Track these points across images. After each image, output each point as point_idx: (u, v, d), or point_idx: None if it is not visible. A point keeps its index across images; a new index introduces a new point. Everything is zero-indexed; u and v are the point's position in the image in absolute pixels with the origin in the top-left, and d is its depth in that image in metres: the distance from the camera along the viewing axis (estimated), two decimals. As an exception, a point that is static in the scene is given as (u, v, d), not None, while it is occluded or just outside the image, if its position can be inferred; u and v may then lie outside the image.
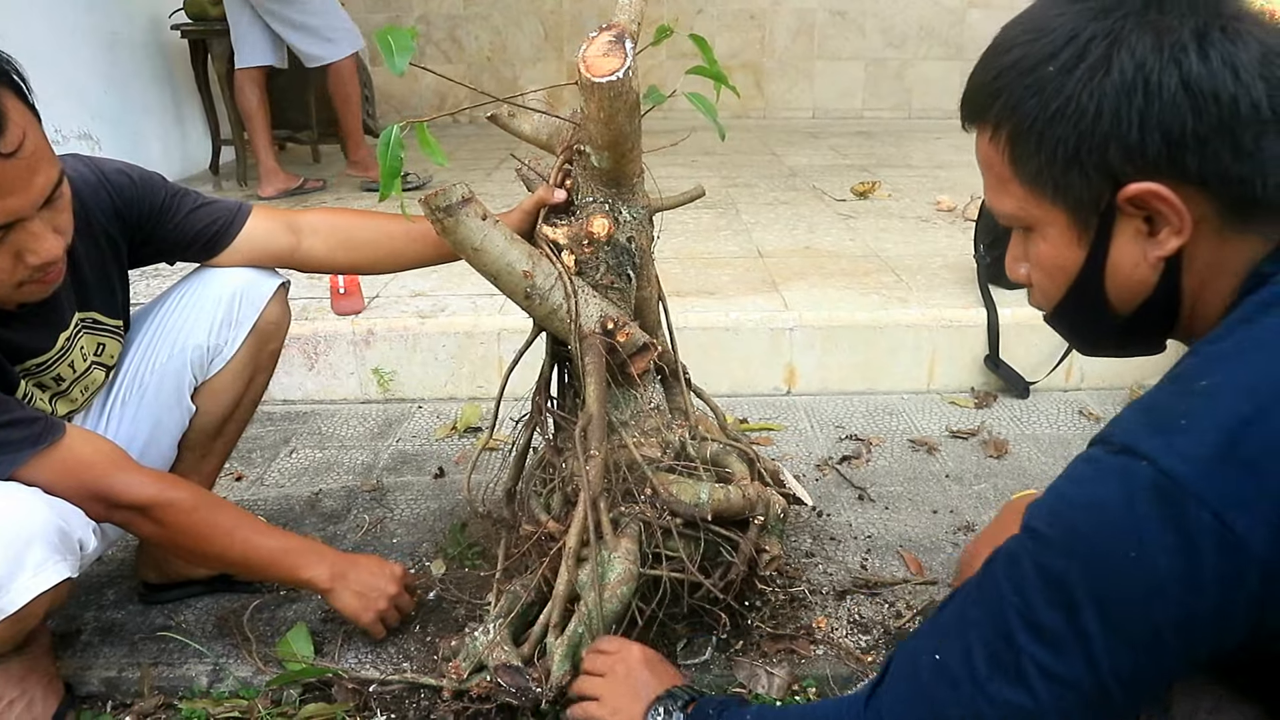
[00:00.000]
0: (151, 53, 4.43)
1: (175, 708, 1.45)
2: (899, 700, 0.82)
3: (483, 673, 1.34)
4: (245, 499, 2.03)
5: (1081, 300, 0.81)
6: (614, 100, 1.17)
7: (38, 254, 1.14)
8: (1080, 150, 0.73)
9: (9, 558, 1.15)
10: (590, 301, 1.37)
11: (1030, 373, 2.50)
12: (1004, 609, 0.73)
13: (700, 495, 1.40)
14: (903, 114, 6.47)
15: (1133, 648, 0.68)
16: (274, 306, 1.59)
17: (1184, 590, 0.65)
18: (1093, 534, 0.68)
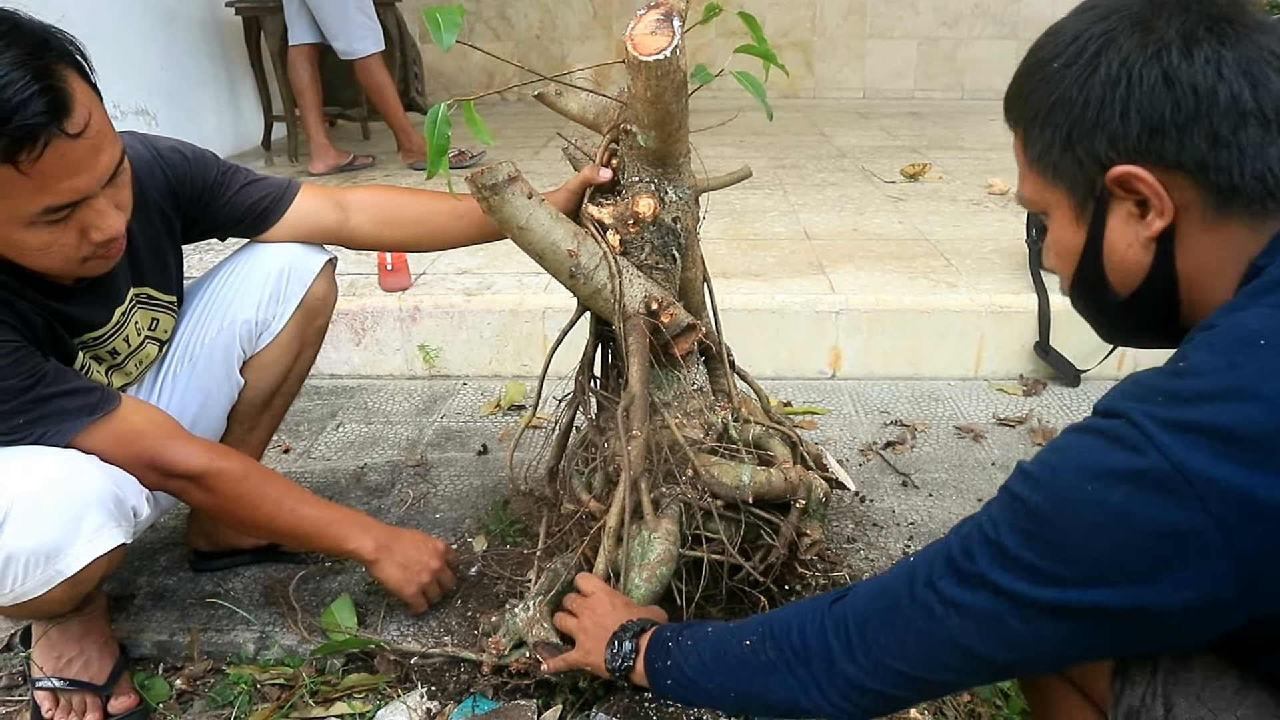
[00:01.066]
0: (207, 30, 4.50)
1: (223, 672, 1.48)
2: (862, 595, 0.92)
3: (522, 648, 1.36)
4: (292, 471, 2.06)
5: (1086, 281, 0.88)
6: (661, 79, 1.17)
7: (102, 230, 1.17)
8: (1072, 136, 0.81)
9: (67, 523, 1.18)
10: (635, 281, 1.37)
11: (1081, 361, 2.45)
12: (976, 526, 0.80)
13: (742, 477, 1.40)
14: (955, 94, 6.36)
15: (1073, 577, 0.72)
16: (321, 282, 1.61)
17: (1128, 527, 0.69)
18: (1057, 467, 0.74)
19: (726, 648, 1.03)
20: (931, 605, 0.81)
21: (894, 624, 0.85)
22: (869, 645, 0.87)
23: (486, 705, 1.37)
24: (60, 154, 1.06)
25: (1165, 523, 0.68)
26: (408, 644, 1.49)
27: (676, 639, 1.11)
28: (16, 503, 1.15)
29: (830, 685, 0.91)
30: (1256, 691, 0.78)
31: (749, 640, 1.01)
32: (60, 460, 1.20)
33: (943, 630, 0.81)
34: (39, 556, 1.17)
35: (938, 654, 0.83)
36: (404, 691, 1.42)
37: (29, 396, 1.18)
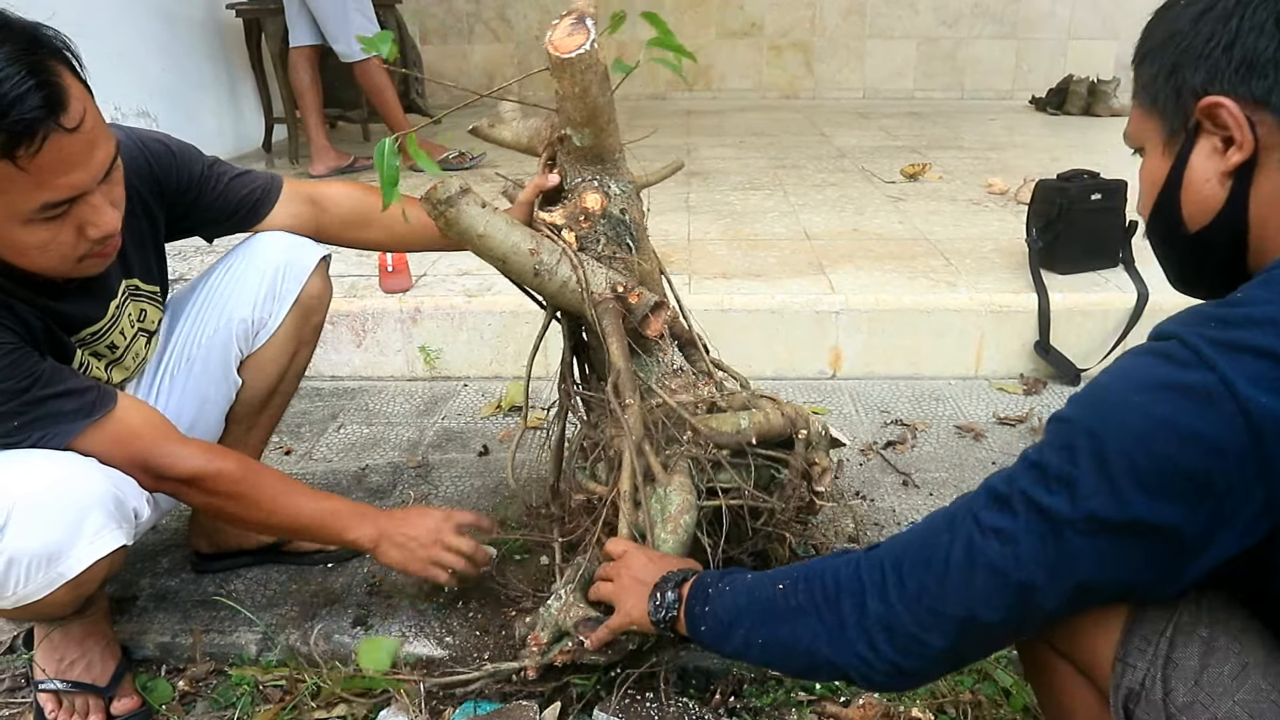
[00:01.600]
0: (208, 31, 4.50)
1: (226, 674, 1.49)
2: (899, 539, 0.92)
3: (563, 640, 1.34)
4: (294, 472, 2.07)
5: (1161, 213, 0.90)
6: (585, 73, 1.25)
7: (99, 226, 1.17)
8: (1176, 67, 0.84)
9: (69, 525, 1.18)
10: (597, 271, 1.41)
11: (1081, 360, 2.45)
12: (1019, 462, 0.82)
13: (740, 423, 1.44)
14: (955, 94, 6.36)
15: (1112, 489, 0.74)
16: (316, 280, 1.61)
17: (1183, 439, 0.71)
18: (1107, 385, 0.77)
19: (760, 591, 1.03)
20: (972, 535, 0.83)
21: (931, 560, 0.86)
22: (903, 583, 0.87)
23: (488, 706, 1.38)
24: (58, 149, 1.06)
25: (1207, 435, 0.70)
26: (441, 675, 1.43)
27: (717, 584, 1.10)
28: (18, 505, 1.15)
29: (856, 628, 0.90)
30: (1254, 678, 0.80)
31: (782, 584, 1.00)
32: (61, 462, 1.20)
33: (980, 557, 0.82)
34: (41, 559, 1.17)
35: (972, 583, 0.82)
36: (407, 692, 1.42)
37: (25, 398, 1.18)
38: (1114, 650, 0.86)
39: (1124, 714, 0.85)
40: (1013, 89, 6.31)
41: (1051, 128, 5.17)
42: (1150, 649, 0.84)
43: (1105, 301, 2.47)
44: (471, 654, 1.50)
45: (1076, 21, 6.22)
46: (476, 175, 3.94)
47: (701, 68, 6.34)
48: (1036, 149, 4.47)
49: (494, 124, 1.51)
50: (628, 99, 6.36)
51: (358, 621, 1.57)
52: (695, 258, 2.82)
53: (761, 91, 6.41)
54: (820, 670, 0.96)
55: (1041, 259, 2.57)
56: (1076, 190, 2.58)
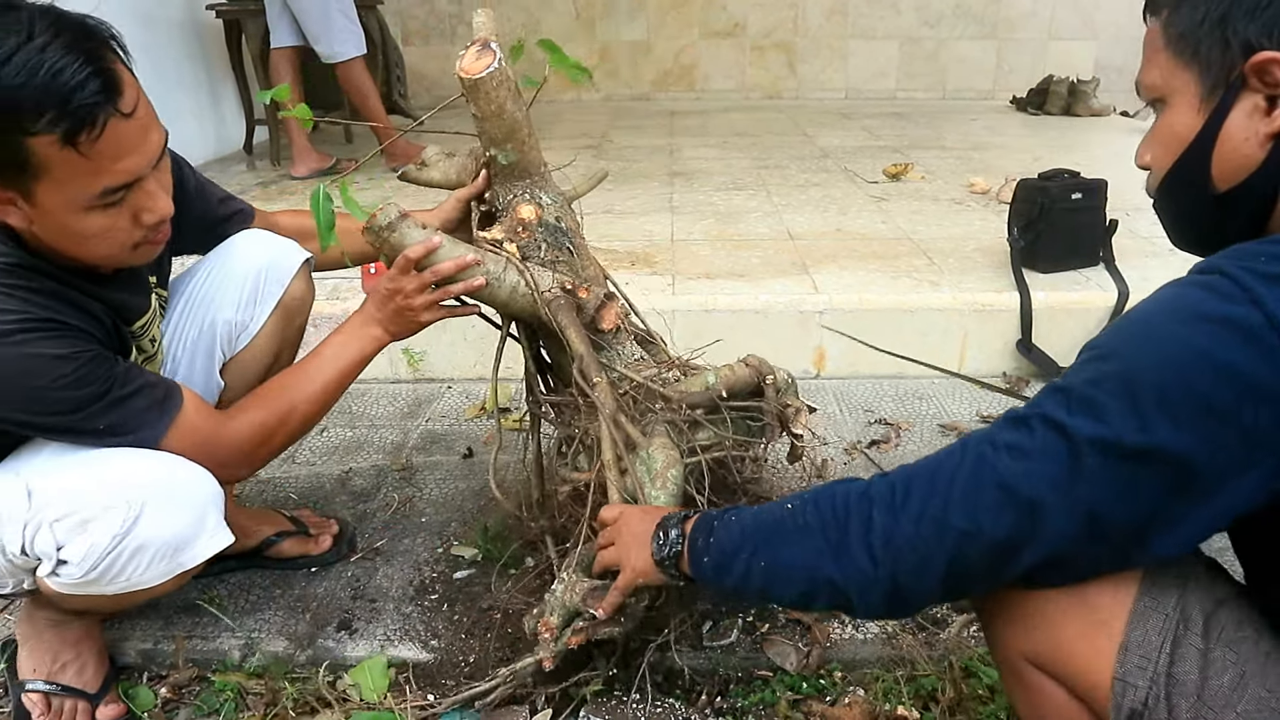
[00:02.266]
0: (187, 32, 4.47)
1: (208, 680, 1.48)
2: (913, 463, 0.89)
3: (574, 621, 1.32)
4: (276, 476, 2.06)
5: (1187, 169, 0.86)
6: (497, 89, 1.32)
7: (154, 212, 1.17)
8: (1228, 16, 0.80)
9: (195, 519, 1.24)
10: (543, 275, 1.44)
11: (1063, 358, 2.46)
12: (1043, 389, 0.81)
13: (708, 379, 1.47)
14: (937, 94, 6.39)
15: (1137, 414, 0.72)
16: (298, 282, 1.61)
17: (1223, 372, 0.69)
18: (1147, 313, 0.75)
19: (766, 515, 1.01)
20: (983, 452, 0.81)
21: (939, 475, 0.84)
22: (909, 497, 0.85)
23: (473, 718, 1.37)
24: (116, 134, 1.07)
25: (1244, 370, 0.69)
26: (457, 694, 1.41)
27: (722, 517, 1.08)
28: (152, 495, 1.19)
29: (860, 543, 0.88)
30: (1253, 687, 0.79)
31: (790, 505, 0.98)
32: (179, 459, 1.25)
33: (990, 472, 0.80)
34: (169, 548, 1.22)
35: (978, 496, 0.81)
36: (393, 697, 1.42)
37: (107, 400, 1.19)
38: (1111, 669, 0.84)
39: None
40: (994, 89, 6.35)
41: (1032, 128, 5.20)
42: (1150, 666, 0.82)
43: (1086, 300, 2.49)
44: (457, 656, 1.50)
45: (1057, 22, 6.26)
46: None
47: (685, 68, 6.35)
48: (1018, 149, 4.49)
49: (420, 167, 1.56)
50: (611, 100, 6.36)
51: (342, 626, 1.56)
52: (679, 258, 2.82)
53: (745, 92, 6.42)
54: (819, 591, 0.93)
55: (1023, 258, 2.59)
56: (1057, 189, 2.60)
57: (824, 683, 1.43)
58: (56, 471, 1.20)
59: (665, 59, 6.31)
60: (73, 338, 1.16)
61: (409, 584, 1.67)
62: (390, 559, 1.75)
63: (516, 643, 1.50)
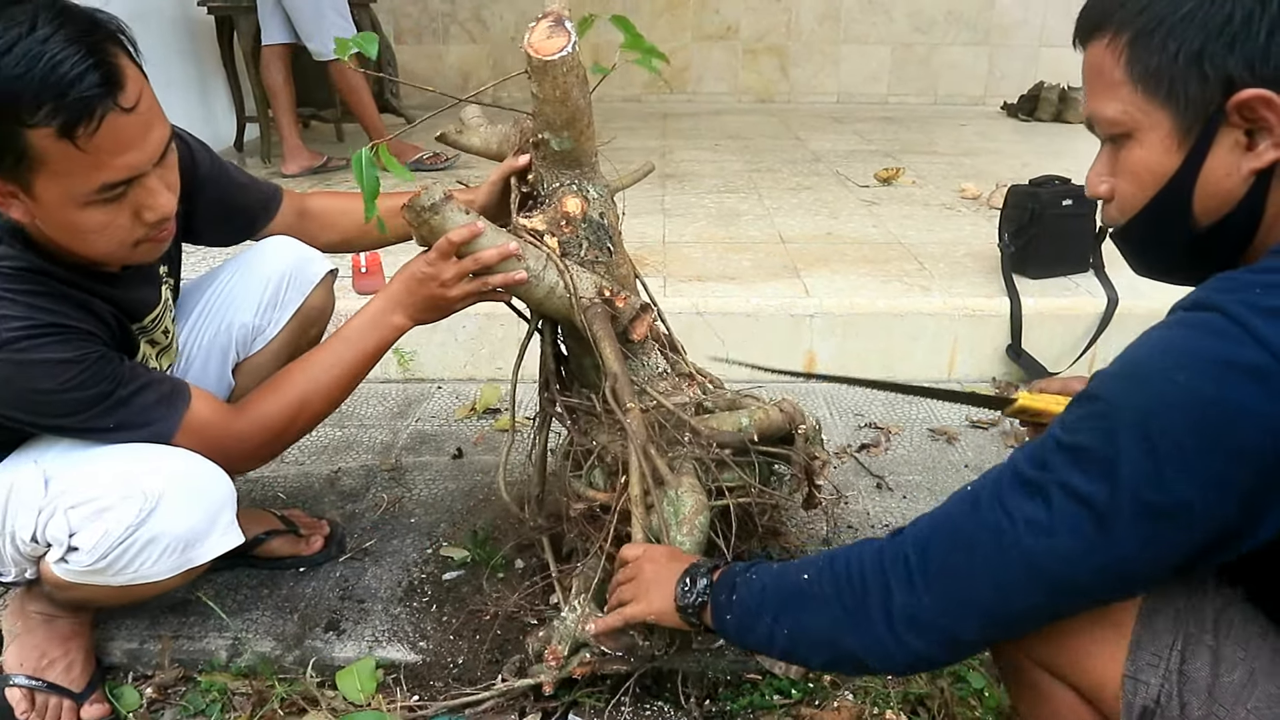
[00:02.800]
0: (178, 29, 4.45)
1: (195, 680, 1.47)
2: (922, 525, 0.87)
3: (581, 651, 1.32)
4: (265, 475, 2.05)
5: (1165, 208, 0.83)
6: (566, 75, 1.24)
7: (155, 209, 1.16)
8: (1204, 52, 0.75)
9: (209, 516, 1.25)
10: (583, 276, 1.40)
11: (1053, 364, 2.48)
12: (1045, 440, 0.76)
13: (741, 421, 1.46)
14: (929, 99, 6.41)
15: (1158, 473, 0.70)
16: (319, 292, 1.62)
17: (1234, 417, 0.67)
18: (1145, 361, 0.72)
19: (785, 580, 0.99)
20: (1000, 524, 0.78)
21: (957, 548, 0.81)
22: (929, 574, 0.83)
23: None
24: (115, 129, 1.06)
25: (1261, 412, 0.66)
26: (448, 698, 1.40)
27: (744, 574, 1.06)
28: (170, 488, 1.20)
29: (882, 619, 0.86)
30: (1264, 684, 0.79)
31: (807, 574, 0.96)
32: (199, 457, 1.25)
33: (1012, 549, 0.77)
34: (180, 543, 1.22)
35: (1004, 574, 0.78)
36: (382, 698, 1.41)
37: (113, 399, 1.19)
38: (1122, 667, 0.84)
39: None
40: (985, 95, 6.36)
41: (1023, 134, 5.22)
42: (1162, 663, 0.82)
43: (1076, 306, 2.50)
44: (446, 658, 1.49)
45: (1048, 29, 6.28)
46: (450, 176, 3.93)
47: (677, 71, 6.35)
48: (1009, 154, 4.51)
49: (461, 130, 1.49)
50: (603, 101, 6.34)
51: (330, 626, 1.55)
52: (671, 260, 2.82)
53: (737, 95, 6.42)
54: (844, 661, 0.93)
55: (1013, 263, 2.60)
56: (1048, 196, 2.61)
57: (813, 687, 1.43)
58: (76, 460, 1.21)
59: (658, 61, 6.30)
60: (79, 340, 1.16)
61: (398, 585, 1.67)
62: (379, 560, 1.74)
63: (506, 645, 1.50)
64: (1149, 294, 2.46)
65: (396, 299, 1.38)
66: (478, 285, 1.34)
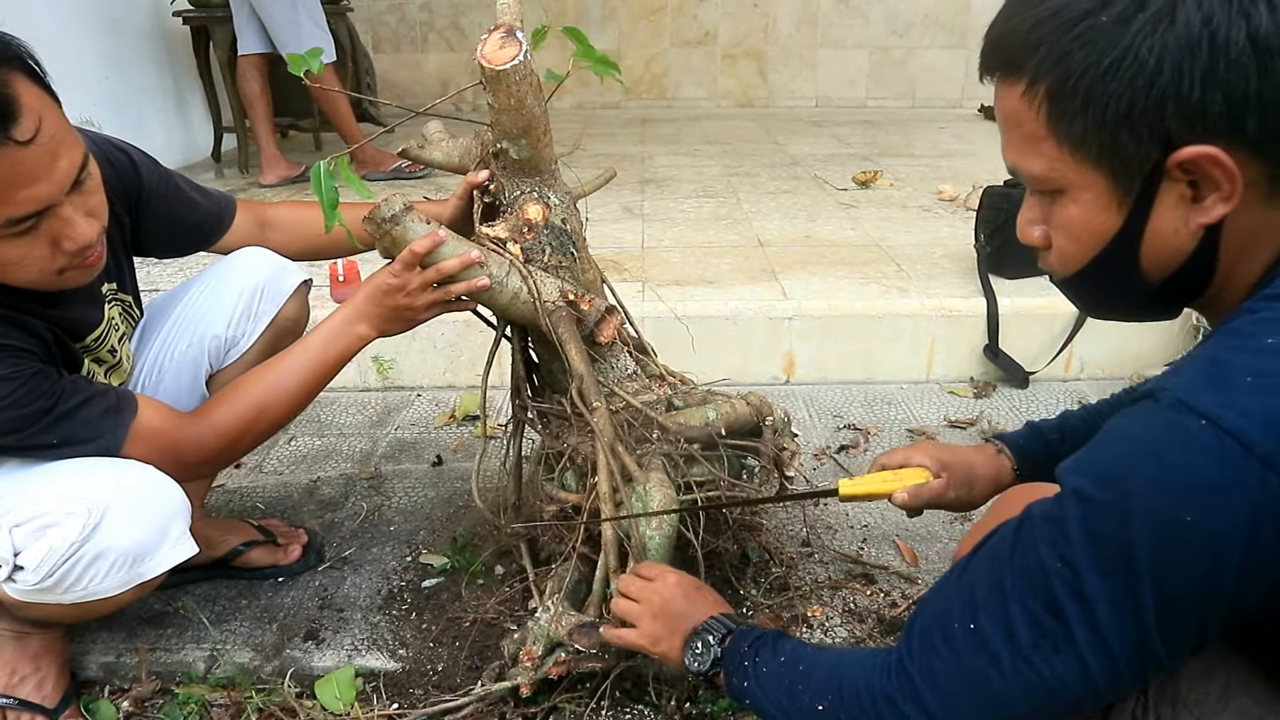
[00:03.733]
0: (153, 38, 4.43)
1: (172, 692, 1.46)
2: (934, 673, 0.80)
3: (556, 651, 1.33)
4: (243, 485, 2.04)
5: (1110, 266, 0.77)
6: (520, 84, 1.26)
7: (73, 239, 1.14)
8: (1134, 109, 0.68)
9: (158, 528, 1.23)
10: (546, 281, 1.41)
11: (1030, 363, 2.50)
12: (1048, 577, 0.71)
13: (708, 415, 1.47)
14: (906, 103, 6.45)
15: (1185, 612, 0.67)
16: (294, 304, 1.61)
17: (1242, 554, 0.63)
18: (1147, 497, 0.65)
19: (802, 699, 0.94)
20: (1033, 684, 0.74)
21: (989, 704, 0.77)
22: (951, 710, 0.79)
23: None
24: (13, 163, 1.03)
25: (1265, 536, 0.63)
26: (427, 705, 1.39)
27: (754, 659, 1.03)
28: (115, 502, 1.18)
29: None
30: (1239, 696, 0.78)
31: (821, 705, 0.91)
32: (148, 469, 1.24)
33: (1053, 704, 0.74)
34: (129, 557, 1.20)
35: (1049, 715, 0.76)
36: (360, 707, 1.40)
37: (53, 415, 1.18)
38: None
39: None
40: (962, 98, 6.41)
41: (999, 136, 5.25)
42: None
43: (1052, 305, 2.51)
44: (425, 665, 1.49)
45: (1023, 32, 6.34)
46: (430, 184, 3.92)
47: (655, 76, 6.37)
48: (985, 156, 4.53)
49: (423, 145, 1.50)
50: (583, 108, 6.37)
51: (309, 636, 1.55)
52: (649, 265, 2.82)
53: (716, 100, 6.44)
54: None
55: (990, 264, 2.62)
56: (1022, 196, 2.62)
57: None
58: (21, 478, 1.20)
59: (636, 67, 6.32)
60: (11, 357, 1.14)
61: (377, 593, 1.66)
62: (358, 568, 1.73)
63: (485, 651, 1.50)
64: (1123, 292, 2.49)
65: (361, 309, 1.37)
66: (442, 294, 1.34)
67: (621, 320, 1.51)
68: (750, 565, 1.67)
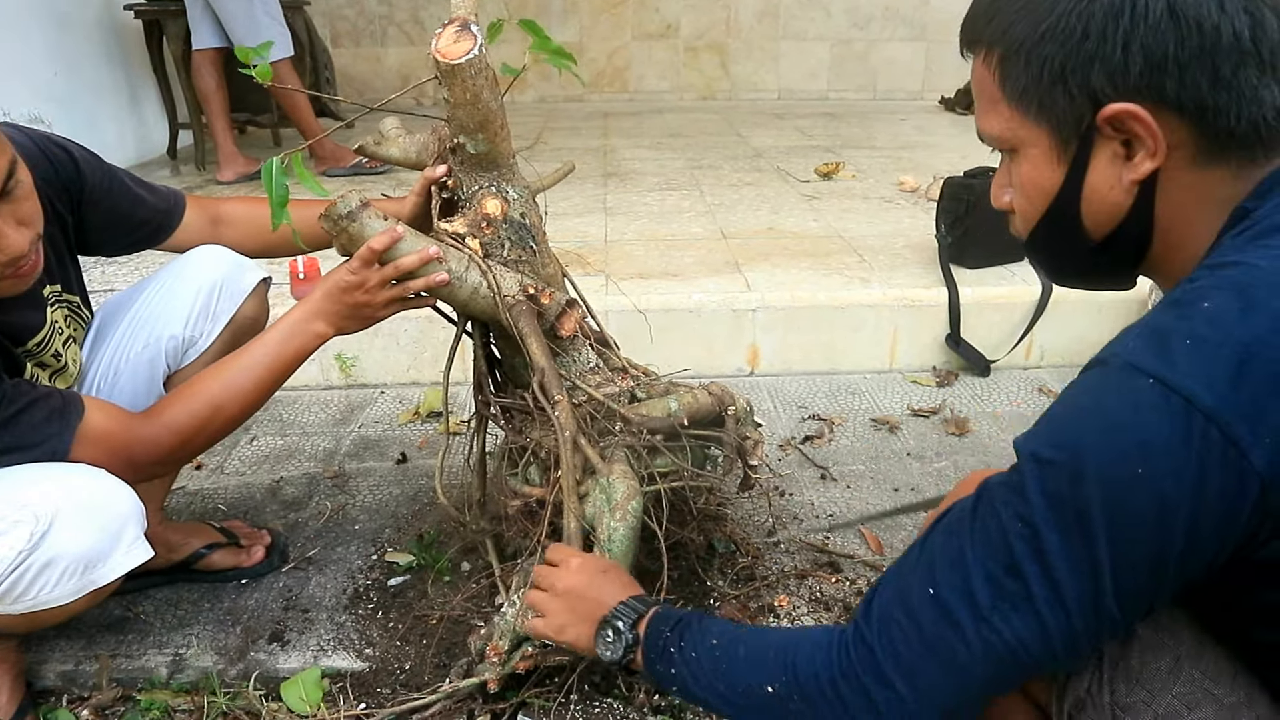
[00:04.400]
0: (105, 33, 4.34)
1: (134, 699, 1.43)
2: (894, 642, 0.80)
3: (523, 646, 1.32)
4: (204, 487, 2.01)
5: (1057, 222, 0.84)
6: (475, 77, 1.25)
7: (2, 250, 1.12)
8: (1065, 69, 0.76)
9: (110, 534, 1.20)
10: (506, 276, 1.40)
11: (991, 351, 2.53)
12: (1007, 539, 0.73)
13: (670, 406, 1.47)
14: (867, 95, 6.49)
15: (1139, 568, 0.69)
16: (252, 302, 1.58)
17: (1191, 507, 0.66)
18: (1100, 454, 0.69)
19: (742, 681, 0.91)
20: (992, 643, 0.74)
21: (951, 670, 0.77)
22: (915, 674, 0.78)
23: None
24: None
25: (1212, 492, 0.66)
26: (395, 704, 1.38)
27: (678, 643, 0.98)
28: (63, 508, 1.15)
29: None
30: (1187, 669, 0.81)
31: (771, 687, 0.88)
32: (98, 473, 1.21)
33: (1016, 669, 0.75)
34: (80, 564, 1.18)
35: (998, 678, 0.76)
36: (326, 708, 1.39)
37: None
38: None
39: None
40: (923, 90, 6.47)
41: (960, 127, 5.31)
42: (1096, 654, 0.83)
43: (1012, 295, 2.55)
44: (392, 664, 1.48)
45: (981, 23, 6.40)
46: (391, 180, 3.89)
47: (618, 69, 6.36)
48: (946, 148, 4.58)
49: (379, 141, 1.48)
50: (545, 102, 6.34)
51: (274, 638, 1.53)
52: (613, 259, 2.82)
53: (679, 93, 6.45)
54: None
55: (951, 254, 2.64)
56: (982, 187, 2.66)
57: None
58: None
59: (599, 60, 6.31)
60: None
61: (343, 593, 1.65)
62: (323, 568, 1.72)
63: (453, 648, 1.49)
64: (1081, 280, 2.52)
65: (319, 307, 1.35)
66: (400, 291, 1.33)
67: (583, 314, 1.51)
68: (717, 556, 1.67)
